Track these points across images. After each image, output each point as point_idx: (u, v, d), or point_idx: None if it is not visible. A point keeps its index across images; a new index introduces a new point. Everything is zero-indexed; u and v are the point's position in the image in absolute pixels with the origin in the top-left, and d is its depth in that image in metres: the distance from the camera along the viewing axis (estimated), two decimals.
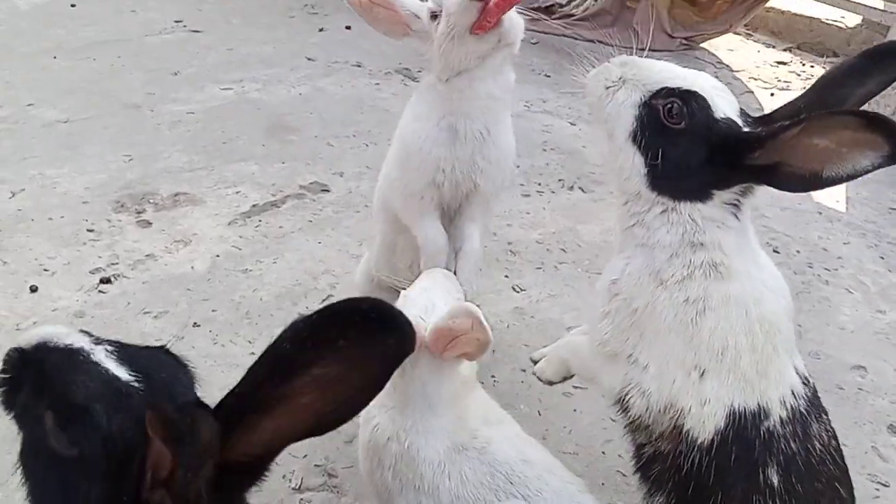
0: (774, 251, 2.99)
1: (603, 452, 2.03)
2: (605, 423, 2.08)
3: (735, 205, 1.36)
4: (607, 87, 1.42)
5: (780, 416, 1.32)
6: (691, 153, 1.31)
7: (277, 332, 1.61)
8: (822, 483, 1.32)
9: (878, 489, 2.00)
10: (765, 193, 3.23)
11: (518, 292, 2.59)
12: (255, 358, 1.69)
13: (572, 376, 1.73)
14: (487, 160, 1.81)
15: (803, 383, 1.38)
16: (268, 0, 5.12)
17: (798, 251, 3.01)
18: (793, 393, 1.35)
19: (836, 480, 1.34)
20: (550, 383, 1.77)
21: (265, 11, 4.92)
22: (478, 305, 1.35)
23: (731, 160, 1.29)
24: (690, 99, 1.31)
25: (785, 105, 1.36)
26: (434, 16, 1.77)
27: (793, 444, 1.31)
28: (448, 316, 1.34)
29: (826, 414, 1.42)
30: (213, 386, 2.15)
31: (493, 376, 2.19)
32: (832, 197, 3.47)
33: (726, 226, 1.36)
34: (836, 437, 1.40)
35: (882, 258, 3.03)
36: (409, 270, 1.98)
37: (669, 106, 1.32)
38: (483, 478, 1.37)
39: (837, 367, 2.41)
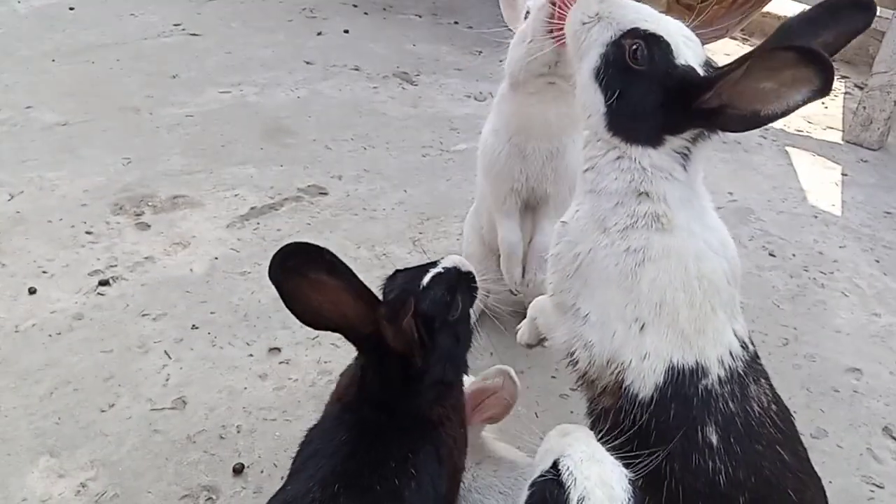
0: (770, 255, 3.00)
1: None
2: None
3: (685, 154, 1.39)
4: (584, 23, 1.45)
5: (719, 376, 1.35)
6: (648, 95, 1.35)
7: (276, 334, 1.64)
8: (762, 445, 1.33)
9: (872, 490, 2.02)
10: (762, 198, 3.23)
11: (515, 294, 2.60)
12: (253, 360, 1.70)
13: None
14: (556, 172, 2.05)
15: (742, 346, 1.41)
16: (266, 4, 5.14)
17: (794, 255, 3.02)
18: (731, 354, 1.38)
19: (777, 444, 1.35)
20: (529, 346, 1.87)
21: (264, 15, 4.93)
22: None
23: (684, 104, 1.33)
24: (654, 42, 1.35)
25: (742, 55, 1.37)
26: (526, 14, 1.92)
27: (731, 405, 1.34)
28: (482, 376, 1.44)
29: (767, 378, 1.43)
30: (212, 388, 2.18)
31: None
32: (828, 201, 3.49)
33: (673, 177, 1.39)
34: (777, 402, 1.41)
35: (877, 261, 3.05)
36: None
37: (634, 47, 1.35)
38: None
39: (833, 370, 2.43)
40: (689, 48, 1.37)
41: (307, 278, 1.26)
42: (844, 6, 1.35)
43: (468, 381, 1.51)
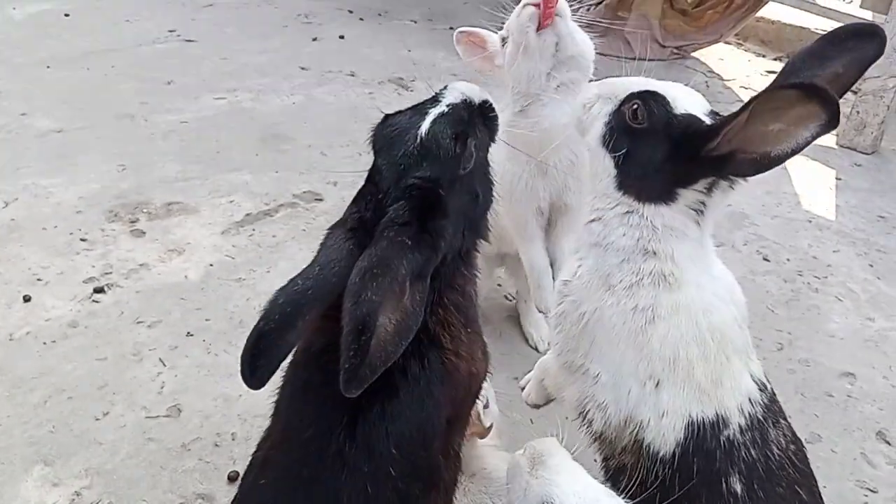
0: (764, 259, 3.01)
1: (595, 460, 2.04)
2: None
3: (698, 210, 1.38)
4: (587, 107, 1.48)
5: (739, 425, 1.34)
6: (654, 149, 1.35)
7: None
8: (782, 487, 1.33)
9: (866, 495, 2.02)
10: (756, 202, 3.25)
11: (511, 301, 2.60)
12: None
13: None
14: (578, 180, 1.99)
15: (760, 389, 1.40)
16: (262, 10, 5.15)
17: (788, 259, 3.03)
18: (750, 400, 1.37)
19: (796, 484, 1.35)
20: (536, 406, 1.80)
21: (259, 21, 4.94)
22: None
23: (691, 154, 1.32)
24: (650, 98, 1.36)
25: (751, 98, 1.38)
26: (504, 41, 1.94)
27: (753, 451, 1.33)
28: None
29: (784, 418, 1.43)
30: (207, 396, 2.18)
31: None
32: (822, 206, 3.50)
33: (685, 235, 1.38)
34: (795, 441, 1.41)
35: (871, 266, 3.06)
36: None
37: (634, 107, 1.36)
38: None
39: (827, 375, 2.43)
40: (688, 100, 1.38)
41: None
42: (848, 36, 1.32)
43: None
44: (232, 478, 1.87)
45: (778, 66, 5.29)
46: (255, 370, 1.16)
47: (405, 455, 1.23)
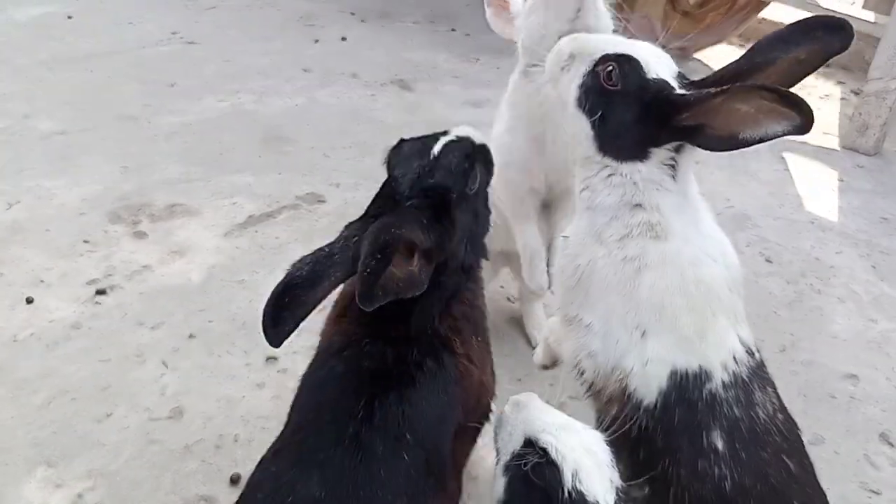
0: (767, 261, 3.01)
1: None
2: None
3: (671, 165, 1.44)
4: (562, 68, 1.52)
5: (722, 380, 1.36)
6: (627, 111, 1.41)
7: None
8: (767, 453, 1.34)
9: (869, 497, 2.02)
10: (758, 204, 3.23)
11: (513, 302, 2.60)
12: (251, 369, 1.70)
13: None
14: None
15: (747, 352, 1.42)
16: (264, 12, 5.15)
17: (790, 261, 3.03)
18: (735, 359, 1.39)
19: (783, 453, 1.35)
20: (545, 367, 1.85)
21: (261, 23, 4.95)
22: None
23: (662, 119, 1.38)
24: (625, 61, 1.41)
25: (719, 70, 1.45)
26: None
27: (736, 410, 1.35)
28: None
29: (773, 387, 1.45)
30: (210, 397, 2.18)
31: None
32: (824, 207, 3.49)
33: (664, 188, 1.43)
34: (784, 412, 1.42)
35: (874, 267, 3.05)
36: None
37: (608, 69, 1.41)
38: None
39: (830, 376, 2.43)
40: (660, 64, 1.43)
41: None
42: (818, 27, 1.38)
43: None
44: (234, 480, 1.87)
45: None
46: (277, 322, 1.23)
47: (419, 443, 1.27)
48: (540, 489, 1.09)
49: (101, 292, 2.45)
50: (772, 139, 1.26)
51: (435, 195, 1.35)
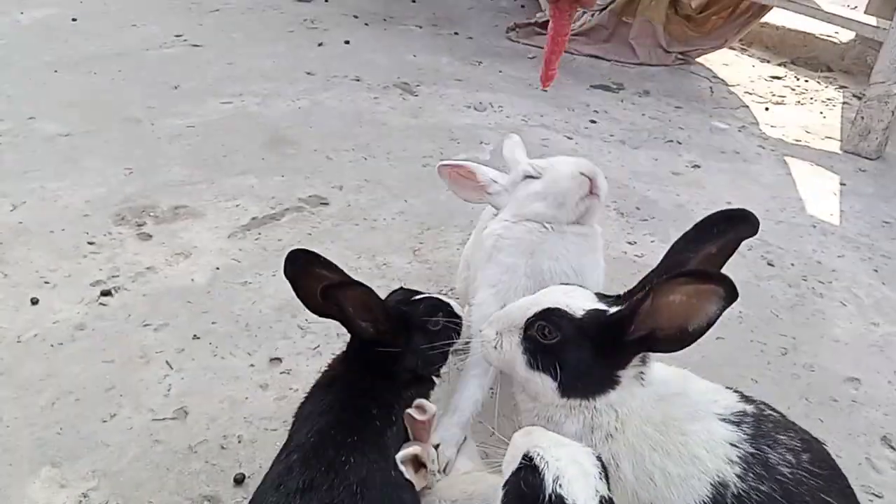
0: (769, 264, 3.01)
1: None
2: None
3: (640, 377, 1.48)
4: (494, 347, 1.57)
5: (736, 474, 1.35)
6: (580, 354, 1.45)
7: (277, 344, 1.65)
8: (806, 501, 1.32)
9: (871, 500, 2.02)
10: (760, 207, 3.23)
11: None
12: (254, 370, 1.71)
13: None
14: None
15: (736, 424, 1.42)
16: (267, 15, 5.17)
17: (792, 264, 3.04)
18: (731, 444, 1.39)
19: (819, 491, 1.34)
20: None
21: (265, 26, 4.97)
22: None
23: (614, 343, 1.42)
24: (548, 315, 1.47)
25: (641, 280, 1.53)
26: (528, 177, 1.93)
27: (763, 487, 1.33)
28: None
29: (785, 429, 1.43)
30: (213, 398, 2.18)
31: (490, 388, 2.21)
32: (826, 211, 3.50)
33: (631, 401, 1.46)
34: (809, 449, 1.40)
35: (875, 271, 3.06)
36: None
37: (540, 328, 1.46)
38: None
39: (831, 380, 2.43)
40: (578, 298, 1.49)
41: (311, 273, 1.62)
42: (721, 221, 1.49)
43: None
44: (238, 480, 1.88)
45: (782, 72, 5.30)
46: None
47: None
48: (528, 496, 1.16)
49: (105, 293, 2.45)
50: (716, 319, 1.31)
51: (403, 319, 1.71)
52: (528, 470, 1.18)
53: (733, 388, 1.57)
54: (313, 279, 1.60)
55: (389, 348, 1.66)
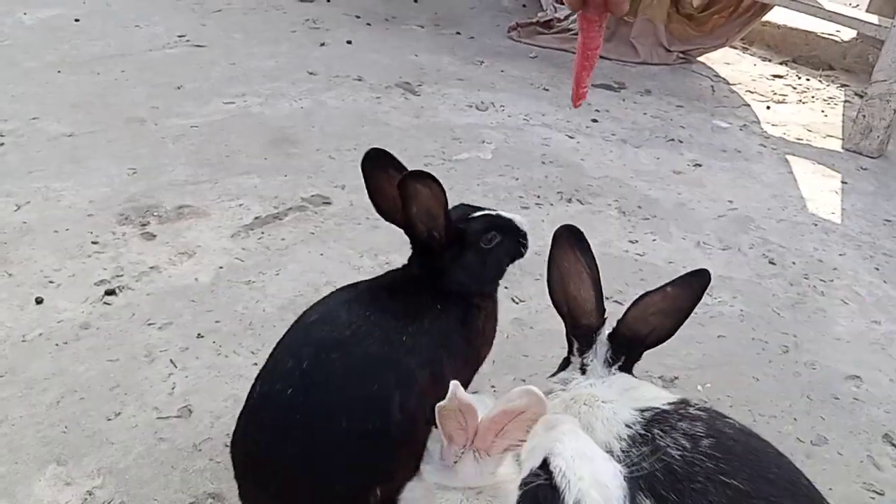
0: (770, 262, 3.02)
1: None
2: None
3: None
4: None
5: (620, 449, 1.43)
6: None
7: None
8: (699, 481, 1.32)
9: (873, 498, 2.03)
10: (762, 206, 3.25)
11: (517, 303, 2.62)
12: (258, 368, 1.73)
13: None
14: None
15: (640, 411, 1.51)
16: (270, 16, 5.18)
17: (794, 262, 3.04)
18: (626, 425, 1.48)
19: (720, 474, 1.33)
20: None
21: (268, 27, 4.98)
22: None
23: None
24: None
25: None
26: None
27: (644, 464, 1.32)
28: (504, 399, 1.34)
29: (691, 423, 1.44)
30: (218, 396, 2.19)
31: (493, 386, 2.22)
32: (827, 209, 3.51)
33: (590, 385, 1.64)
34: (710, 438, 1.39)
35: (877, 269, 3.07)
36: None
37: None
38: None
39: (833, 377, 2.44)
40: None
41: (386, 173, 1.74)
42: (684, 279, 1.65)
43: (487, 403, 1.48)
44: None
45: (784, 70, 5.31)
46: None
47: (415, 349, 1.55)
48: None
49: (109, 293, 2.47)
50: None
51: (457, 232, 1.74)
52: (547, 488, 1.10)
53: (730, 388, 1.61)
54: (385, 178, 1.72)
55: (441, 260, 1.71)
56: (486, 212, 1.81)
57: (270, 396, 1.50)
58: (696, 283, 1.63)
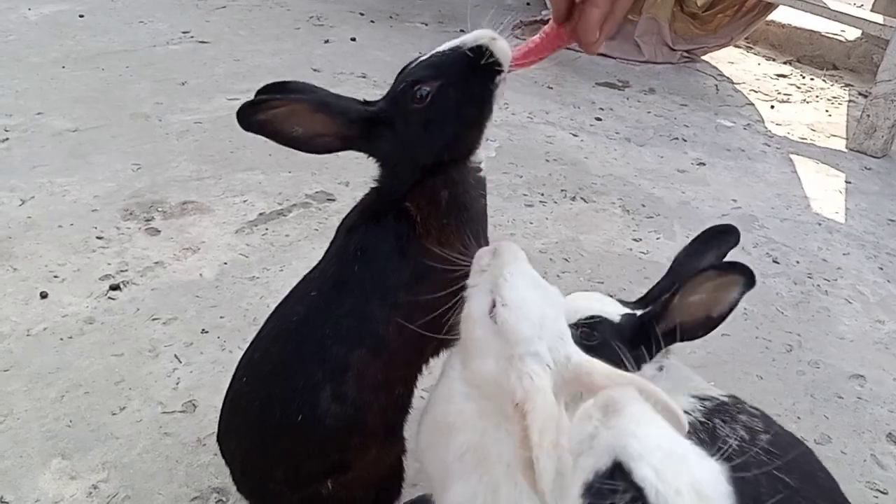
0: (774, 262, 3.02)
1: None
2: None
3: (660, 368, 1.57)
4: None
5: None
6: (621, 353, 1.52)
7: None
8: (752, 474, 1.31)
9: (876, 496, 2.03)
10: (765, 205, 3.25)
11: None
12: None
13: None
14: None
15: (700, 399, 1.50)
16: (274, 12, 5.18)
17: (797, 261, 3.04)
18: (685, 412, 1.44)
19: (774, 469, 1.34)
20: None
21: (272, 23, 4.98)
22: None
23: (644, 340, 1.53)
24: (595, 325, 1.54)
25: (653, 287, 1.66)
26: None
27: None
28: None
29: (750, 417, 1.46)
30: (222, 391, 2.19)
31: None
32: (831, 209, 3.51)
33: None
34: (768, 434, 1.42)
35: (881, 269, 3.06)
36: None
37: (582, 333, 1.51)
38: None
39: (837, 377, 2.44)
40: (613, 304, 1.60)
41: (276, 114, 1.38)
42: (713, 235, 1.64)
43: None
44: None
45: (788, 70, 5.30)
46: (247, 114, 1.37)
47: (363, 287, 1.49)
48: None
49: (114, 288, 2.47)
50: (737, 305, 1.47)
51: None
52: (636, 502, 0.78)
53: (734, 387, 1.62)
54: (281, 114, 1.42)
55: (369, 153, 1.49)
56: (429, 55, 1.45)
57: (232, 384, 1.61)
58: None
